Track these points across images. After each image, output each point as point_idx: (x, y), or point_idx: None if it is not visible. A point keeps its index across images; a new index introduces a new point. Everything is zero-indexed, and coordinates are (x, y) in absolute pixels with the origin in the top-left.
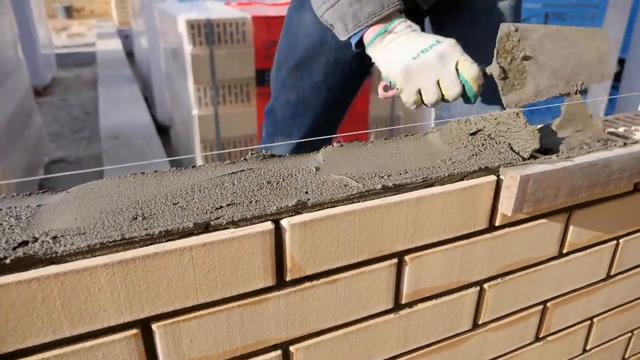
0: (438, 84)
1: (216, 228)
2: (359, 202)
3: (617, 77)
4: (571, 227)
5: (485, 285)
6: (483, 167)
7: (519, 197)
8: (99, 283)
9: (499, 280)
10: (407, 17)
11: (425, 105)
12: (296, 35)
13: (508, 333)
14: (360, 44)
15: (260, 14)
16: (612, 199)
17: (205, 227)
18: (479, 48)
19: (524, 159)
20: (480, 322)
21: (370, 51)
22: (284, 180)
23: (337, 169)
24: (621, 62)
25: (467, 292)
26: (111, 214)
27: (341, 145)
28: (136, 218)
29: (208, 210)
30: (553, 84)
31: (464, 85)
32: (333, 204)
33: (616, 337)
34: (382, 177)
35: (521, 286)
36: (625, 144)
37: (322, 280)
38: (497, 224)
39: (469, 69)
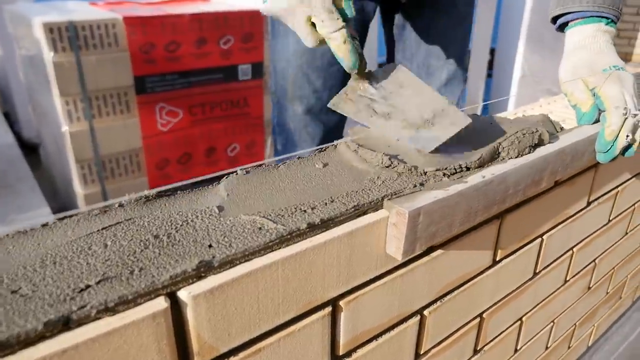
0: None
1: (82, 322)
2: (280, 248)
3: (490, 66)
4: (502, 233)
5: (426, 312)
6: (420, 183)
7: (409, 237)
8: None
9: (439, 303)
10: (384, 11)
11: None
12: (287, 42)
13: (449, 355)
14: None
15: (133, 14)
16: (537, 197)
17: (65, 324)
18: (445, 36)
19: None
20: (421, 352)
21: None
22: (177, 231)
23: (246, 206)
24: (492, 51)
25: (408, 323)
26: None
27: (247, 172)
28: None
29: (68, 295)
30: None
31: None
32: (247, 257)
33: (541, 330)
34: (305, 210)
35: (459, 304)
36: (519, 154)
37: (241, 355)
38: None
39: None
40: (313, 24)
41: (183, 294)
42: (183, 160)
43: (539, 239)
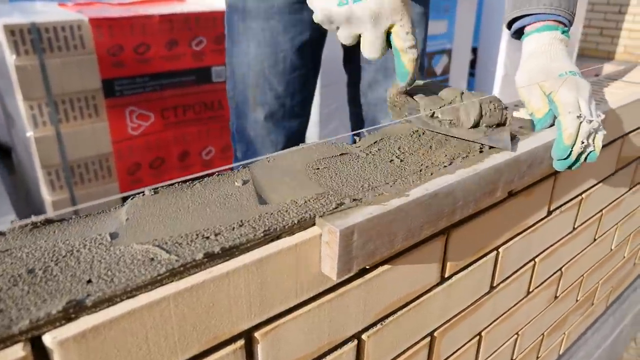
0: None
1: None
2: (172, 282)
3: (472, 65)
4: (450, 248)
5: (364, 336)
6: (342, 203)
7: (343, 256)
8: None
9: (379, 326)
10: None
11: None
12: (247, 46)
13: None
14: None
15: (100, 15)
16: (489, 209)
17: None
18: None
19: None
20: None
21: None
22: (57, 264)
23: (143, 233)
24: (474, 50)
25: (343, 349)
26: None
27: (155, 192)
28: None
29: None
30: None
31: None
32: (131, 293)
33: (504, 343)
34: (208, 237)
35: (404, 325)
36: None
37: None
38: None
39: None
40: (388, 35)
41: (47, 339)
42: (155, 164)
43: (494, 252)
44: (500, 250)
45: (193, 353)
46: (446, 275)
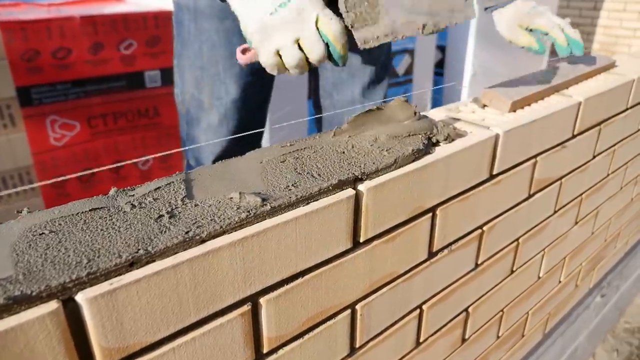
0: (298, 44)
1: None
2: None
3: (441, 64)
4: (264, 319)
5: None
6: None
7: None
8: None
9: None
10: None
11: (288, 70)
12: (199, 48)
13: None
14: None
15: (12, 18)
16: (333, 260)
17: None
18: None
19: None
20: None
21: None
22: None
23: None
24: (443, 49)
25: None
26: None
27: None
28: None
29: None
30: (410, 21)
31: (328, 45)
32: None
33: None
34: None
35: None
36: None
37: None
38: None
39: (329, 25)
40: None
41: None
42: (84, 177)
43: (348, 311)
44: (357, 307)
45: None
46: (265, 351)
